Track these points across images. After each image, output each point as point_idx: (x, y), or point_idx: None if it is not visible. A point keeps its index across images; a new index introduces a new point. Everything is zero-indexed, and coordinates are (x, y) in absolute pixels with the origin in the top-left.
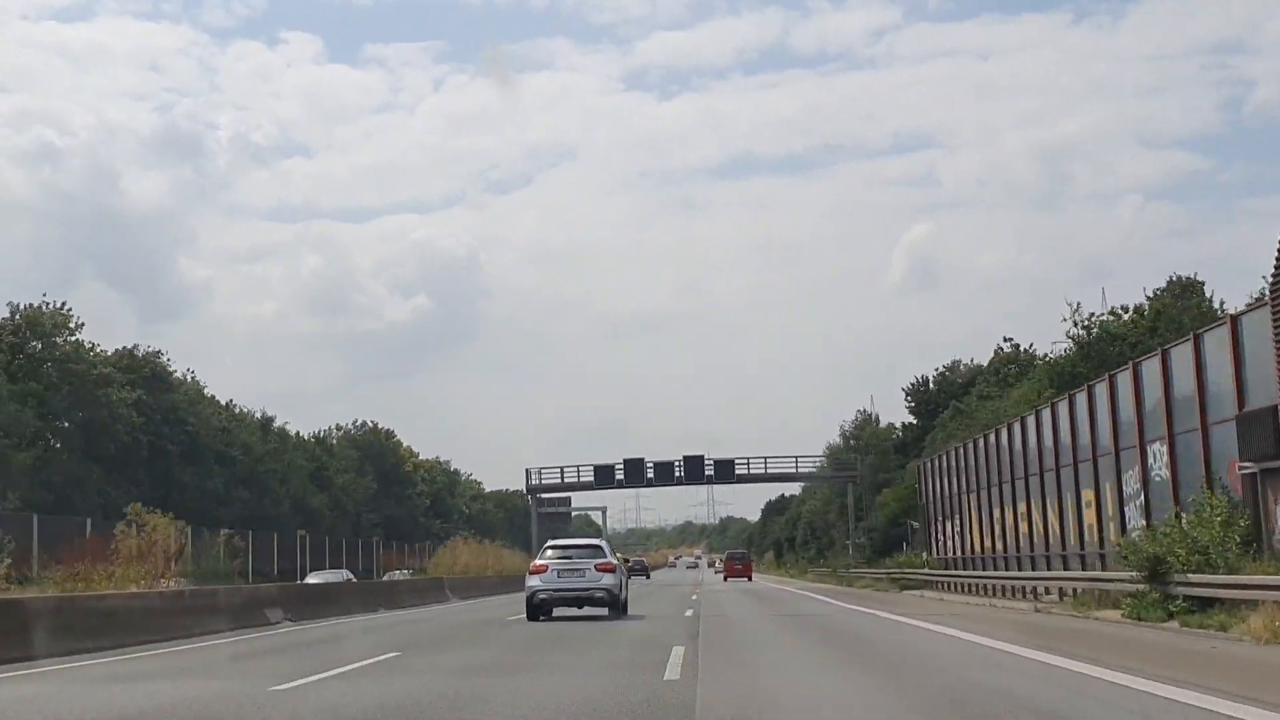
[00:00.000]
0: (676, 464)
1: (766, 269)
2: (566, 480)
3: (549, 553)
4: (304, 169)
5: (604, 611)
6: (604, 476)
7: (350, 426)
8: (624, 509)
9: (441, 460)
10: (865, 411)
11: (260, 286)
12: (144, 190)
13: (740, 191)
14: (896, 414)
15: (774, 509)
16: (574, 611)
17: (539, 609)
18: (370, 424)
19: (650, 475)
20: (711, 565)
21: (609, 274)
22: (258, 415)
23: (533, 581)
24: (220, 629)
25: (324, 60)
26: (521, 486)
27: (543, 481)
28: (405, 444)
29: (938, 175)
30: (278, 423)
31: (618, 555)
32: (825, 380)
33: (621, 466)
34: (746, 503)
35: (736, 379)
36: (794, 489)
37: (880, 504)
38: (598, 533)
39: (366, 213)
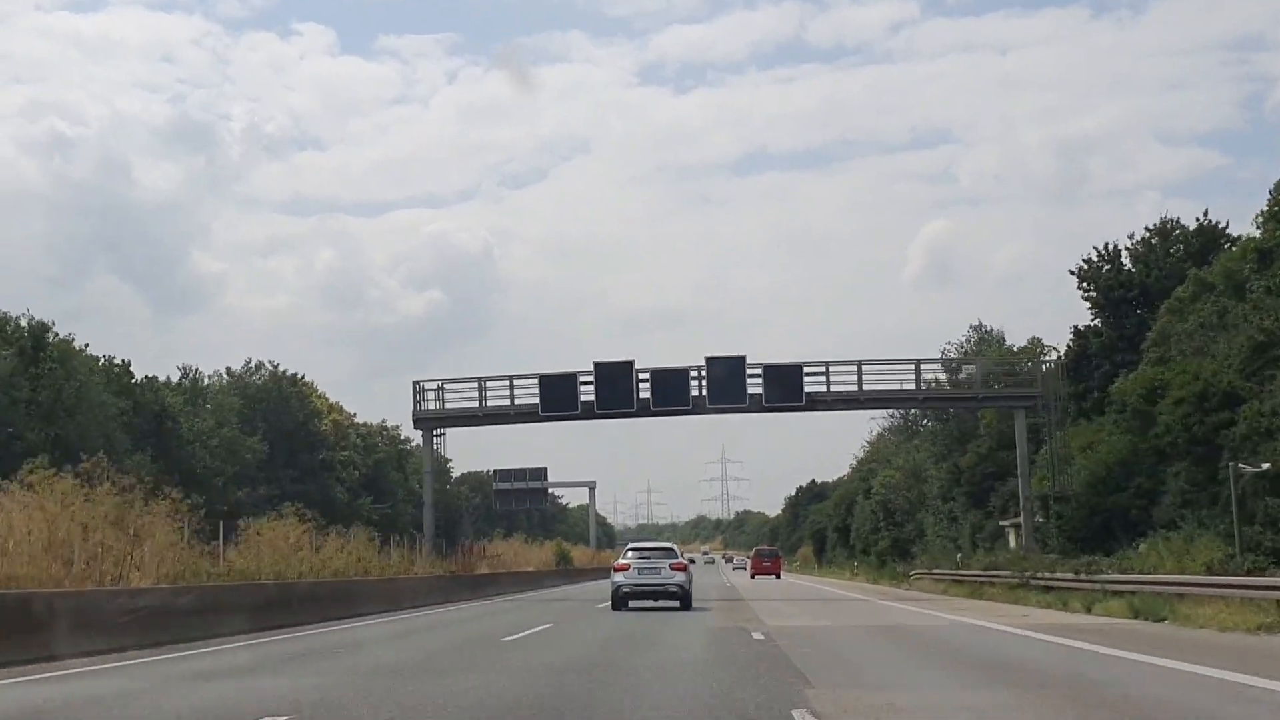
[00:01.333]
0: (694, 374)
1: (785, 264)
2: (491, 404)
3: (630, 554)
4: (318, 162)
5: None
6: (559, 396)
7: (245, 368)
8: (635, 503)
9: (389, 425)
10: (983, 326)
11: (274, 280)
12: (156, 182)
13: (757, 186)
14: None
15: (809, 495)
16: None
17: (622, 600)
18: (269, 365)
19: (645, 395)
20: (729, 561)
21: (625, 269)
22: (23, 321)
23: (617, 578)
24: None
25: (337, 52)
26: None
27: (445, 405)
28: (330, 399)
29: (955, 170)
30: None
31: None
32: None
33: (591, 378)
34: (764, 496)
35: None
36: (835, 470)
37: (1062, 455)
38: (594, 529)
39: (380, 206)
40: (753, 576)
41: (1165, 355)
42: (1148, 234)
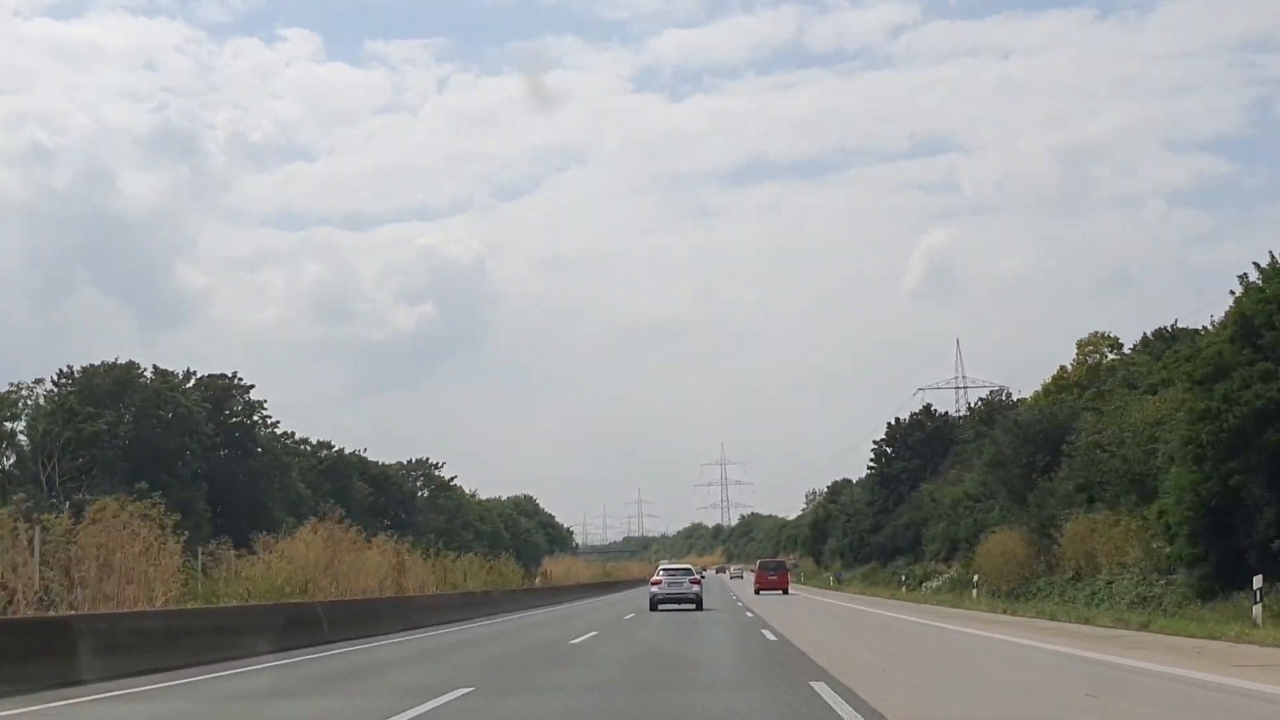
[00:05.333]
0: None
1: (782, 276)
2: None
3: (661, 573)
4: (306, 173)
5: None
6: None
7: None
8: (626, 516)
9: None
10: None
11: (261, 294)
12: (140, 192)
13: (754, 196)
14: None
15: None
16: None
17: (655, 604)
18: None
19: None
20: (720, 572)
21: (620, 281)
22: None
23: (653, 589)
24: None
25: (324, 58)
26: None
27: None
28: None
29: (956, 179)
30: None
31: (699, 570)
32: (843, 388)
33: None
34: (773, 499)
35: (753, 387)
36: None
37: None
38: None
39: (370, 218)
40: (757, 591)
41: None
42: None
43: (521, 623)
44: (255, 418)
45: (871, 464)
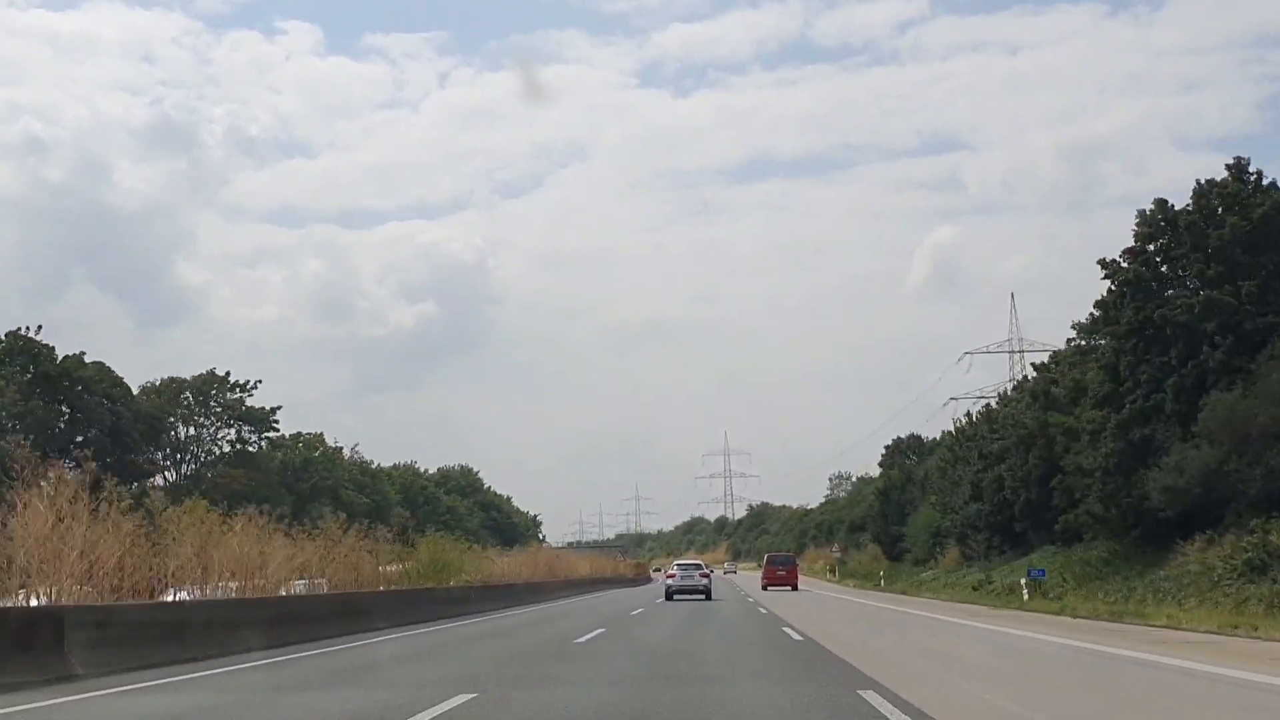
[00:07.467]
0: None
1: (786, 274)
2: None
3: (675, 567)
4: (305, 169)
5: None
6: None
7: None
8: (624, 513)
9: None
10: None
11: (260, 291)
12: (137, 189)
13: (758, 194)
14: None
15: None
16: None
17: (670, 595)
18: None
19: None
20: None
21: (622, 280)
22: None
23: (669, 581)
24: None
25: (323, 51)
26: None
27: None
28: None
29: (962, 177)
30: None
31: (707, 565)
32: (847, 385)
33: None
34: (782, 496)
35: (756, 385)
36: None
37: None
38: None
39: (370, 215)
40: (765, 587)
41: None
42: None
43: None
44: None
45: (1100, 306)
